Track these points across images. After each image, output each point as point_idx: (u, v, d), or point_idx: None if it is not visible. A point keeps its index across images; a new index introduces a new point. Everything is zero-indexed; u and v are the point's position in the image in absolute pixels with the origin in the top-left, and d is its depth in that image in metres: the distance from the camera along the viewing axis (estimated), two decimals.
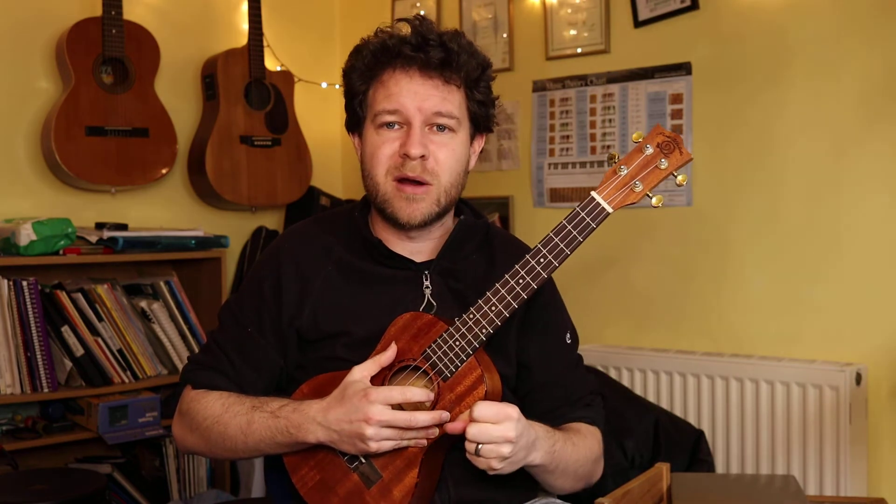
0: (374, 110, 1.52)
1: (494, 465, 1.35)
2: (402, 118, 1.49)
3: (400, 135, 1.50)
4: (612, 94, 2.92)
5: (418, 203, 1.50)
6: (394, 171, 1.50)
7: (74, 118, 2.84)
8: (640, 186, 1.38)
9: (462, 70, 1.50)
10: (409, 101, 1.48)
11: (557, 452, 1.46)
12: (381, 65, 1.50)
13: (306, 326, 1.54)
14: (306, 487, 1.50)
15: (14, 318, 2.68)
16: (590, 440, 1.57)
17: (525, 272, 1.39)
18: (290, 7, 3.56)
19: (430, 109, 1.48)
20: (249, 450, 1.50)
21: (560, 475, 1.51)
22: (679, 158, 1.38)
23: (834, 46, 2.49)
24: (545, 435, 1.44)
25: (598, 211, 1.37)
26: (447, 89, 1.50)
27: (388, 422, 1.37)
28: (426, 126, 1.50)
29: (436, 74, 1.49)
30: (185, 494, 3.00)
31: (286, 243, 1.61)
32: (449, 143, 1.51)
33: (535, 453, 1.41)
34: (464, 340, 1.40)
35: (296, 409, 1.45)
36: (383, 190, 1.52)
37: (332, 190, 3.64)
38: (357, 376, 1.41)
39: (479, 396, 1.40)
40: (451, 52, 1.48)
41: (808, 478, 2.44)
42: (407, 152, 1.47)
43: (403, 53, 1.48)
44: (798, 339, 2.58)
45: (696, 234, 2.75)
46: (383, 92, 1.50)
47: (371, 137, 1.53)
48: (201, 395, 1.56)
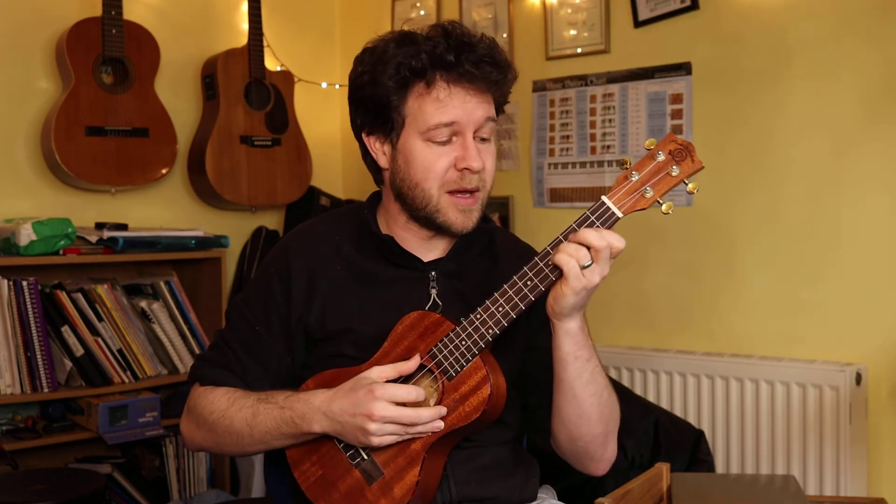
0: (424, 123, 1.48)
1: (596, 279, 1.35)
2: (454, 131, 1.49)
3: (451, 149, 1.49)
4: (612, 94, 2.92)
5: (472, 213, 1.52)
6: (450, 184, 1.50)
7: (74, 118, 2.84)
8: (651, 192, 1.37)
9: (508, 84, 1.53)
10: (464, 113, 1.47)
11: (592, 347, 1.47)
12: (429, 74, 1.47)
13: (314, 324, 1.54)
14: (308, 482, 1.50)
15: (14, 318, 2.68)
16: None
17: (533, 274, 1.39)
18: (290, 7, 3.56)
19: (481, 120, 1.49)
20: (255, 442, 1.51)
21: (595, 376, 1.47)
22: (691, 166, 1.37)
23: (834, 46, 2.49)
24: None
25: (608, 215, 1.37)
26: (490, 100, 1.52)
27: (390, 418, 1.37)
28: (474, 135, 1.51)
29: (486, 90, 1.50)
30: (185, 494, 3.00)
31: (295, 241, 1.62)
32: (491, 150, 1.54)
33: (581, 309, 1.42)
34: (470, 340, 1.41)
35: (301, 400, 1.46)
36: (436, 202, 1.51)
37: (332, 190, 3.64)
38: (373, 375, 1.41)
39: (483, 397, 1.40)
40: (505, 69, 1.50)
41: (808, 478, 2.44)
42: (470, 166, 1.48)
43: (460, 69, 1.46)
44: (798, 339, 2.58)
45: (695, 235, 2.75)
46: (436, 105, 1.47)
47: (420, 150, 1.49)
48: (208, 391, 1.57)
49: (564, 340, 1.43)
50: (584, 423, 1.49)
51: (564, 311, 1.39)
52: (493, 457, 1.55)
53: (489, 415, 1.43)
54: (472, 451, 1.53)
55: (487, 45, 1.49)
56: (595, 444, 1.53)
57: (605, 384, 1.50)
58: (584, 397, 1.47)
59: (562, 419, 1.51)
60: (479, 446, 1.53)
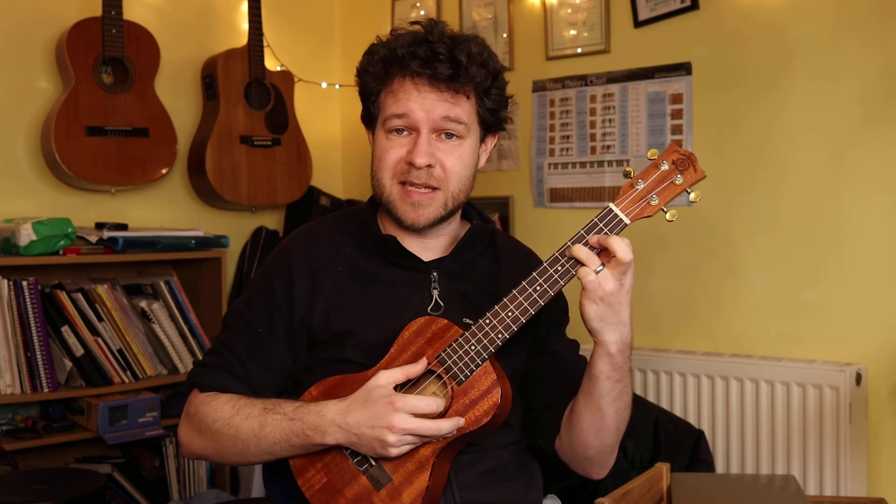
0: (384, 114, 1.53)
1: (610, 286, 1.36)
2: (409, 124, 1.50)
3: (408, 141, 1.51)
4: (612, 94, 2.92)
5: (424, 208, 1.52)
6: (399, 175, 1.52)
7: (74, 118, 2.84)
8: (657, 200, 1.41)
9: (472, 81, 1.51)
10: (417, 108, 1.49)
11: (627, 370, 1.47)
12: (392, 71, 1.52)
13: (317, 326, 1.54)
14: (312, 490, 1.49)
15: (14, 318, 2.68)
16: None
17: (543, 280, 1.40)
18: (290, 7, 3.56)
19: (438, 117, 1.49)
20: (262, 452, 1.49)
21: (622, 394, 1.47)
22: (693, 175, 1.42)
23: (834, 46, 2.49)
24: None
25: (615, 222, 1.40)
26: (456, 99, 1.51)
27: (411, 430, 1.37)
28: (434, 133, 1.51)
29: (444, 87, 1.49)
30: (185, 494, 3.00)
31: (296, 243, 1.61)
32: (456, 149, 1.52)
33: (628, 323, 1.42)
34: (479, 345, 1.41)
35: (312, 411, 1.44)
36: (388, 192, 1.54)
37: (332, 190, 3.64)
38: (382, 381, 1.41)
39: (494, 401, 1.41)
40: (458, 67, 1.48)
41: (808, 478, 2.44)
42: (412, 161, 1.49)
43: (411, 67, 1.49)
44: (798, 339, 2.58)
45: (695, 234, 2.75)
46: (392, 98, 1.51)
47: (380, 140, 1.55)
48: (211, 397, 1.54)
49: (601, 360, 1.43)
50: (604, 434, 1.51)
51: (592, 322, 1.39)
52: (496, 461, 1.55)
53: (499, 418, 1.44)
54: (474, 455, 1.52)
55: (449, 45, 1.48)
56: (605, 453, 1.56)
57: (629, 402, 1.51)
58: (608, 412, 1.48)
59: (581, 427, 1.51)
60: (481, 451, 1.53)
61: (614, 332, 1.40)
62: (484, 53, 1.52)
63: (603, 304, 1.37)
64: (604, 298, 1.36)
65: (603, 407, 1.47)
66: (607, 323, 1.39)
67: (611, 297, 1.37)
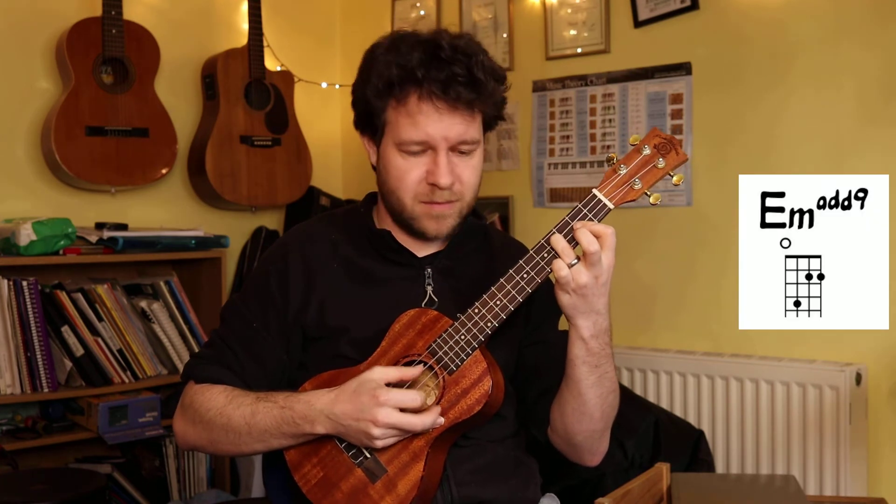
0: (398, 136, 1.49)
1: (583, 279, 1.37)
2: (427, 147, 1.49)
3: (425, 161, 1.50)
4: (612, 94, 2.92)
5: (446, 219, 1.53)
6: (422, 196, 1.51)
7: (74, 118, 2.84)
8: (640, 184, 1.41)
9: (490, 100, 1.51)
10: (436, 133, 1.47)
11: (609, 345, 1.47)
12: (404, 87, 1.47)
13: (311, 322, 1.55)
14: (309, 485, 1.50)
15: (14, 318, 2.68)
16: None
17: (530, 267, 1.41)
18: (290, 7, 3.56)
19: (456, 139, 1.48)
20: (253, 441, 1.49)
21: (602, 380, 1.48)
22: (675, 159, 1.42)
23: (834, 47, 2.49)
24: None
25: (599, 207, 1.40)
26: (472, 117, 1.50)
27: (394, 424, 1.38)
28: (449, 151, 1.50)
29: (464, 108, 1.48)
30: (185, 494, 3.00)
31: (292, 240, 1.62)
32: (470, 162, 1.53)
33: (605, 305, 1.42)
34: (469, 335, 1.42)
35: (302, 401, 1.45)
36: (410, 211, 1.53)
37: (332, 190, 3.64)
38: (375, 376, 1.41)
39: (485, 390, 1.42)
40: (479, 88, 1.47)
41: (808, 478, 2.44)
42: (436, 182, 1.48)
43: (429, 89, 1.45)
44: (798, 339, 2.58)
45: (696, 234, 2.75)
46: (409, 120, 1.47)
47: (395, 160, 1.51)
48: (205, 388, 1.56)
49: (575, 344, 1.45)
50: (586, 419, 1.52)
51: (565, 309, 1.41)
52: (493, 456, 1.55)
53: (491, 407, 1.45)
54: (471, 449, 1.53)
55: (466, 63, 1.45)
56: (592, 438, 1.56)
57: (612, 388, 1.52)
58: (589, 397, 1.49)
59: (565, 412, 1.53)
60: (478, 445, 1.54)
61: (587, 318, 1.42)
62: (493, 64, 1.51)
63: (576, 296, 1.39)
64: (576, 290, 1.38)
65: (583, 392, 1.48)
66: (579, 311, 1.41)
67: (584, 290, 1.38)
